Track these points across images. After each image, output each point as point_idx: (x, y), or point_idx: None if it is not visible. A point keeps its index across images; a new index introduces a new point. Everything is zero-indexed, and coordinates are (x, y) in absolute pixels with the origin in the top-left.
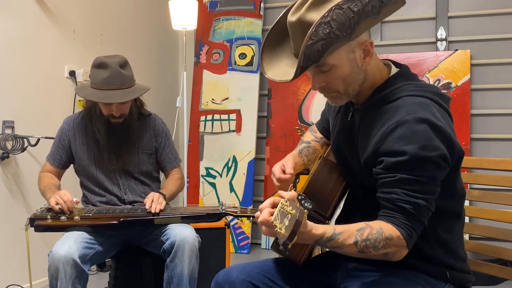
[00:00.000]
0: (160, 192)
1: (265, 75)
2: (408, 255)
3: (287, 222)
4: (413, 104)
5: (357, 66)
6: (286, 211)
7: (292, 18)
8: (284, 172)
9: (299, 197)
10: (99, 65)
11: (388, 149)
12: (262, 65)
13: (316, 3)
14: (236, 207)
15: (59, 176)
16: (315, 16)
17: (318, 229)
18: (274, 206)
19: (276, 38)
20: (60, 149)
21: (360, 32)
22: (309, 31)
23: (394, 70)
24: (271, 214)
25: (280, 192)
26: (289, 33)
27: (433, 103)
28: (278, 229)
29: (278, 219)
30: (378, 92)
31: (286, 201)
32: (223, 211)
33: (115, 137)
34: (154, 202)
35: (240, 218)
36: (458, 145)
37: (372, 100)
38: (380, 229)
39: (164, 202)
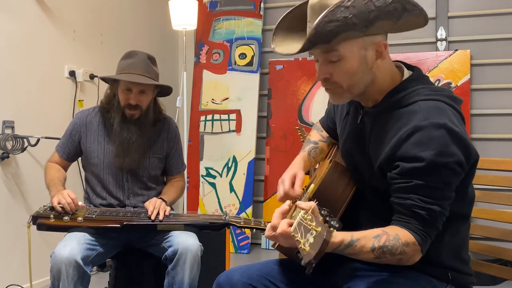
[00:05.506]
0: (161, 199)
1: (274, 50)
2: None
3: (311, 239)
4: (430, 108)
5: (366, 65)
6: (310, 226)
7: (314, 0)
8: (293, 184)
9: (322, 212)
10: (127, 54)
11: (404, 154)
12: (274, 40)
13: None
14: (239, 218)
15: (65, 168)
16: (337, 1)
17: (336, 237)
18: (283, 215)
19: (292, 22)
20: (70, 142)
21: (376, 30)
22: (327, 10)
23: (406, 73)
24: (290, 225)
25: (299, 203)
26: (307, 16)
27: (449, 107)
28: (302, 246)
29: (300, 233)
30: (391, 96)
31: (309, 215)
32: (227, 221)
33: (127, 131)
34: (156, 208)
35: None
36: (474, 149)
37: (385, 104)
38: (396, 235)
39: (168, 209)
